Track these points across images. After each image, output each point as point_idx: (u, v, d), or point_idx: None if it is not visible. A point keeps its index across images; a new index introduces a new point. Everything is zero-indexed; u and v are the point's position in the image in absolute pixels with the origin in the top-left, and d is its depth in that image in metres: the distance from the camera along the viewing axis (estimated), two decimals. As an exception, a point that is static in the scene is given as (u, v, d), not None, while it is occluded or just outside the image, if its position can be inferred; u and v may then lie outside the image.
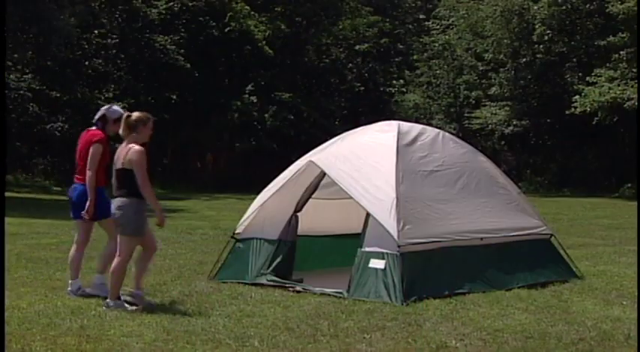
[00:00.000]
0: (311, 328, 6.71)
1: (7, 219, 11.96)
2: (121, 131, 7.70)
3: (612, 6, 31.08)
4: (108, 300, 7.56)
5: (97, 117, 8.28)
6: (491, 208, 9.08)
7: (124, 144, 7.65)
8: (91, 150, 8.06)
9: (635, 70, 30.30)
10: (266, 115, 36.05)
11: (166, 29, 36.06)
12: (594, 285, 9.05)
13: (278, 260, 9.04)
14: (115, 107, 8.40)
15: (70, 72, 34.04)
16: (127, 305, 7.49)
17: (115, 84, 36.58)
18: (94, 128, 8.30)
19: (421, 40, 42.48)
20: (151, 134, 7.75)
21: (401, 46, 45.47)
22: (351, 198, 8.60)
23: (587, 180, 34.73)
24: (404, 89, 42.90)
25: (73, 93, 34.27)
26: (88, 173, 8.03)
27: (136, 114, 7.68)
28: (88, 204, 8.03)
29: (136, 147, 7.54)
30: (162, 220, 7.69)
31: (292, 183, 9.25)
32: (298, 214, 9.25)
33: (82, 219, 8.15)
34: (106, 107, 8.41)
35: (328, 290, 8.28)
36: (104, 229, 8.31)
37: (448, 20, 41.22)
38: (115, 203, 7.62)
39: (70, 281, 8.25)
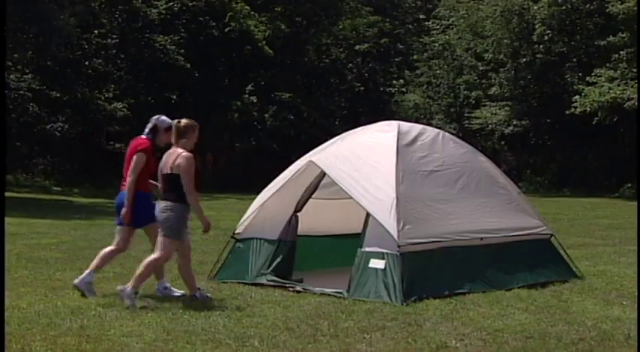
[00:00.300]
0: (311, 328, 6.71)
1: (7, 219, 11.97)
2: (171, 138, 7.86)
3: (612, 6, 31.08)
4: (124, 288, 7.59)
5: (148, 128, 8.35)
6: (491, 208, 9.08)
7: (171, 150, 7.83)
8: (134, 158, 8.12)
9: (635, 70, 30.30)
10: (266, 115, 36.07)
11: (166, 29, 36.07)
12: (594, 285, 9.04)
13: (278, 260, 9.05)
14: (164, 117, 8.44)
15: (70, 72, 34.04)
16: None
17: (115, 84, 36.58)
18: (143, 136, 8.35)
19: (421, 40, 42.49)
20: (196, 142, 7.95)
21: (401, 46, 45.49)
22: (351, 198, 8.60)
23: (587, 180, 34.73)
24: (404, 89, 42.92)
25: (73, 93, 34.27)
26: (128, 180, 8.10)
27: (184, 121, 7.93)
28: (124, 210, 8.10)
29: (185, 152, 7.74)
30: (207, 226, 7.87)
31: (292, 183, 9.25)
32: (298, 214, 9.25)
33: (141, 226, 8.26)
34: (155, 117, 8.45)
35: (328, 290, 8.28)
36: (148, 236, 8.38)
37: (448, 20, 41.23)
38: (159, 206, 7.79)
39: (86, 270, 8.22)
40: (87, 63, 35.38)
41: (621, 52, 31.35)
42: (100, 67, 35.74)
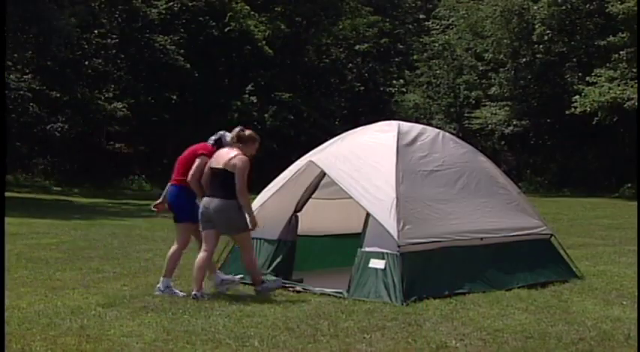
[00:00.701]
0: (311, 328, 6.71)
1: (7, 219, 11.97)
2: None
3: (612, 6, 31.07)
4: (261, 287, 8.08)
5: (214, 138, 8.61)
6: (491, 208, 9.08)
7: (225, 150, 8.13)
8: (198, 160, 8.36)
9: (635, 70, 30.30)
10: (266, 115, 36.05)
11: (166, 29, 36.06)
12: (594, 285, 9.04)
13: (278, 260, 9.05)
14: (229, 133, 8.63)
15: (70, 72, 34.02)
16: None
17: (115, 84, 36.58)
18: (207, 143, 8.60)
19: (421, 40, 42.48)
20: (254, 154, 8.33)
21: (401, 46, 45.48)
22: (351, 198, 8.60)
23: (587, 180, 34.73)
24: (404, 89, 42.92)
25: (73, 93, 34.26)
26: (190, 180, 8.31)
27: (249, 131, 8.38)
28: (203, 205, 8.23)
29: (242, 155, 8.06)
30: (254, 225, 8.18)
31: (292, 183, 9.25)
32: (298, 214, 9.25)
33: (182, 221, 8.45)
34: (221, 132, 8.69)
35: (328, 290, 8.29)
36: (179, 231, 8.53)
37: (448, 20, 41.23)
38: (212, 204, 7.98)
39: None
40: (87, 63, 35.37)
41: (621, 52, 31.34)
42: (100, 67, 35.73)
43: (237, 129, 8.36)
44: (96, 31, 35.12)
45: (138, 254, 11.81)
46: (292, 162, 9.62)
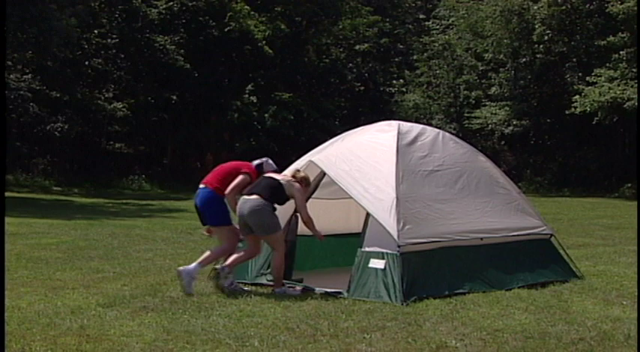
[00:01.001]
0: (311, 328, 6.71)
1: (7, 219, 11.98)
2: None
3: (612, 6, 31.10)
4: (280, 290, 8.36)
5: (257, 162, 8.88)
6: (491, 208, 9.07)
7: (280, 175, 8.62)
8: (241, 176, 8.55)
9: (635, 70, 30.32)
10: (266, 115, 36.06)
11: (166, 29, 36.08)
12: (594, 285, 9.04)
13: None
14: (272, 162, 8.94)
15: (70, 72, 34.06)
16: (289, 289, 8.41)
17: (115, 84, 36.61)
18: (252, 163, 8.84)
19: (421, 40, 42.51)
20: (306, 196, 8.62)
21: (401, 46, 45.52)
22: (351, 197, 8.60)
23: (587, 180, 34.76)
24: (404, 89, 42.94)
25: (73, 93, 34.30)
26: (228, 194, 8.47)
27: (303, 173, 8.72)
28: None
29: (298, 185, 8.48)
30: (320, 238, 8.68)
31: (292, 183, 9.24)
32: (298, 214, 9.24)
33: (219, 224, 8.62)
34: (265, 159, 8.97)
35: (328, 290, 8.28)
36: (223, 234, 8.68)
37: (448, 20, 41.28)
38: (247, 204, 8.24)
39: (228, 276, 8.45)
40: (87, 63, 35.40)
41: (621, 52, 31.37)
42: (100, 66, 35.76)
43: (293, 168, 8.87)
44: (96, 31, 35.15)
45: (138, 254, 11.82)
46: (292, 162, 9.62)
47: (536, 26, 34.39)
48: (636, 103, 29.30)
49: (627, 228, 16.86)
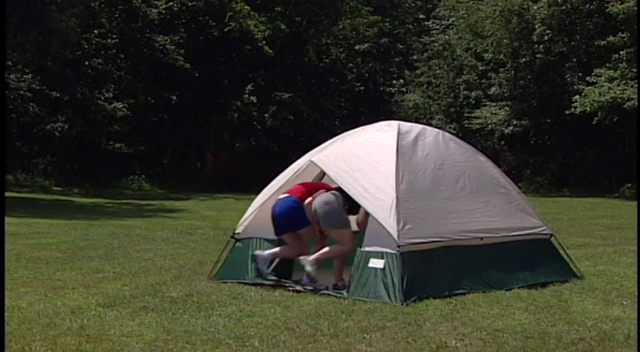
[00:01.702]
0: (311, 328, 6.71)
1: (7, 219, 11.97)
2: None
3: (612, 6, 31.10)
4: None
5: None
6: (491, 208, 9.07)
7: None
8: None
9: (635, 70, 30.32)
10: (266, 115, 36.06)
11: (166, 29, 36.08)
12: (594, 285, 9.04)
13: (278, 259, 9.04)
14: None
15: (70, 72, 34.05)
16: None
17: (115, 84, 36.61)
18: None
19: (421, 40, 42.50)
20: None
21: (401, 46, 45.50)
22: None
23: (587, 180, 34.75)
24: (404, 89, 42.93)
25: (73, 93, 34.30)
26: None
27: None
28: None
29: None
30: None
31: (292, 183, 9.24)
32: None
33: (303, 227, 8.83)
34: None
35: (328, 290, 8.28)
36: (314, 236, 8.93)
37: (448, 20, 41.27)
38: (321, 199, 8.59)
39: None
40: (87, 63, 35.41)
41: (621, 52, 31.37)
42: (100, 66, 35.76)
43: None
44: (96, 31, 35.16)
45: (138, 254, 11.82)
46: (292, 162, 9.61)
47: (536, 26, 34.38)
48: (636, 103, 29.29)
49: (627, 228, 16.86)
